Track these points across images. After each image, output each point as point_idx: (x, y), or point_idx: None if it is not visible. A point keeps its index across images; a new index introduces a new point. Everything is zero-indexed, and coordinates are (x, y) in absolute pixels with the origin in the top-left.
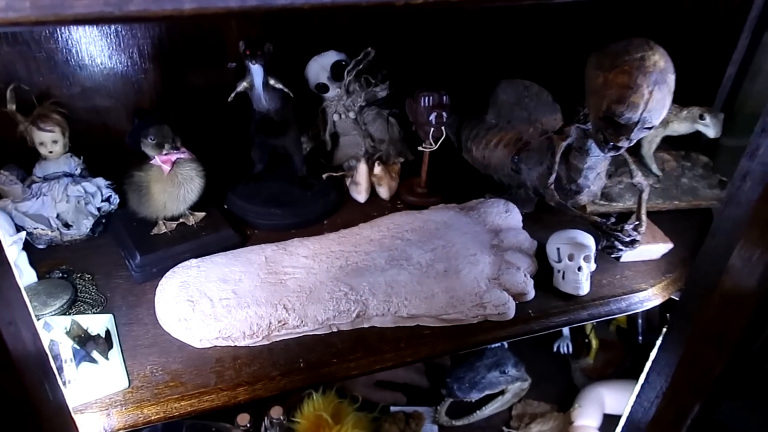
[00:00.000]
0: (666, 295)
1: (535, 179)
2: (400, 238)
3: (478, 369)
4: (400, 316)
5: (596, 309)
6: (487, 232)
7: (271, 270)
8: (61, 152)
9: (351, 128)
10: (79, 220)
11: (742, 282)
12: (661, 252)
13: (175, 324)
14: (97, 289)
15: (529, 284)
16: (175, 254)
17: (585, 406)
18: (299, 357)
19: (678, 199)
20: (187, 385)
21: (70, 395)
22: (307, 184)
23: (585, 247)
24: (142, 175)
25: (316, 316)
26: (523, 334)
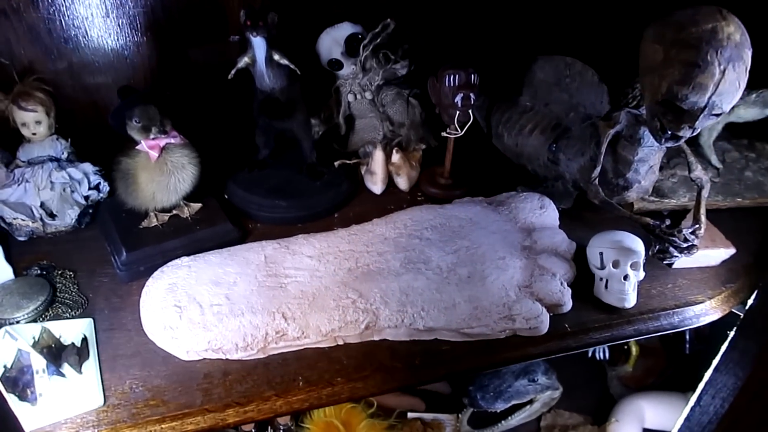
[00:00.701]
0: (726, 309)
1: (576, 171)
2: (418, 237)
3: (504, 376)
4: (415, 329)
5: (644, 324)
6: (518, 231)
7: (271, 272)
8: (46, 134)
9: (367, 110)
10: (64, 210)
11: None
12: (721, 258)
13: (161, 332)
14: (79, 289)
15: (566, 294)
16: (165, 251)
17: (623, 420)
18: (298, 374)
19: (741, 196)
20: (169, 404)
21: (37, 414)
22: (317, 173)
23: (633, 252)
24: (129, 162)
25: (320, 326)
26: (558, 351)
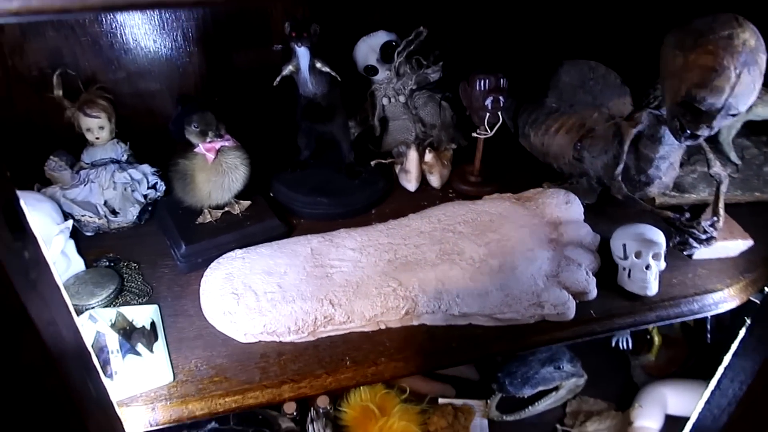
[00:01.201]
0: (744, 297)
1: (600, 169)
2: (451, 230)
3: (531, 364)
4: (451, 315)
5: (665, 311)
6: (545, 225)
7: (317, 263)
8: (108, 138)
9: (401, 113)
10: (126, 208)
11: None
12: (740, 249)
13: (220, 317)
14: (143, 279)
15: (591, 282)
16: (219, 244)
17: (646, 405)
18: (345, 355)
19: (759, 191)
20: (231, 381)
21: (116, 388)
22: (355, 172)
23: (654, 243)
24: (187, 164)
25: (363, 312)
26: (584, 335)
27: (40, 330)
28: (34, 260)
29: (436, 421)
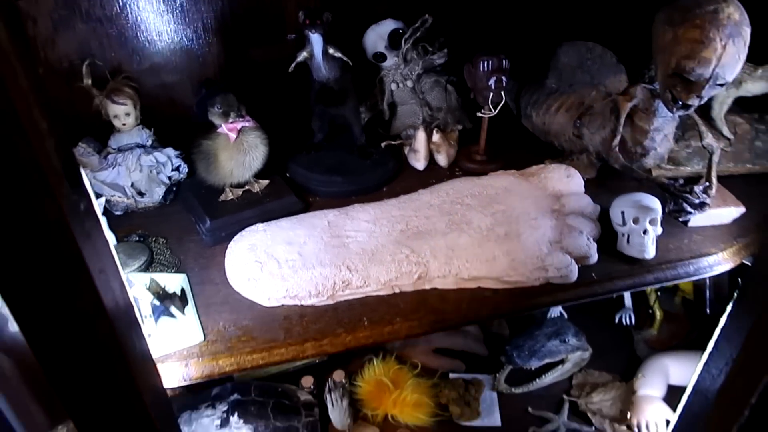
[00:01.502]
0: (737, 260)
1: (599, 144)
2: (459, 203)
3: (537, 337)
4: (461, 278)
5: (662, 273)
6: (548, 197)
7: (334, 233)
8: (134, 124)
9: (408, 97)
10: (152, 188)
11: None
12: (733, 216)
13: (245, 283)
14: (171, 252)
15: (593, 247)
16: (241, 219)
17: (648, 375)
18: (363, 316)
19: (751, 163)
20: (257, 339)
21: (151, 348)
22: (366, 153)
23: (651, 210)
24: (210, 144)
25: (379, 277)
26: (586, 297)
27: (93, 278)
28: (87, 212)
29: (447, 393)
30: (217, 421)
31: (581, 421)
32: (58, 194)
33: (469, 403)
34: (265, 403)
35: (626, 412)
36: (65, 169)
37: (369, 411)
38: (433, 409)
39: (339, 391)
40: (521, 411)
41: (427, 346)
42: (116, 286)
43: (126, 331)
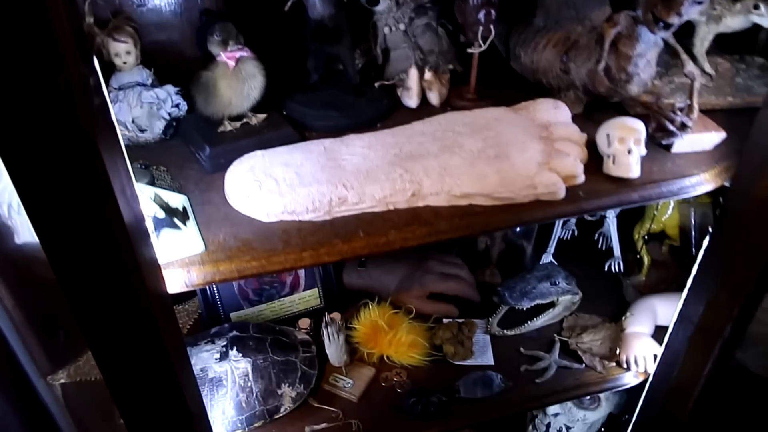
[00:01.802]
0: (719, 182)
1: (585, 76)
2: (451, 131)
3: (529, 280)
4: (453, 195)
5: (646, 191)
6: (536, 126)
7: (330, 157)
8: (134, 63)
9: (401, 41)
10: (152, 124)
11: None
12: (714, 142)
13: (244, 201)
14: (172, 178)
15: (579, 167)
16: (240, 148)
17: (637, 314)
18: (359, 228)
19: (732, 96)
20: (256, 249)
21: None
22: (361, 91)
23: (635, 130)
24: (209, 74)
25: (374, 194)
26: (574, 213)
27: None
28: (96, 88)
29: (441, 334)
30: (216, 355)
31: (572, 359)
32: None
33: (462, 342)
34: (263, 339)
35: (615, 349)
36: (77, 41)
37: (365, 351)
38: (427, 350)
39: (335, 326)
40: (514, 351)
41: (421, 290)
42: (133, 203)
43: (139, 242)
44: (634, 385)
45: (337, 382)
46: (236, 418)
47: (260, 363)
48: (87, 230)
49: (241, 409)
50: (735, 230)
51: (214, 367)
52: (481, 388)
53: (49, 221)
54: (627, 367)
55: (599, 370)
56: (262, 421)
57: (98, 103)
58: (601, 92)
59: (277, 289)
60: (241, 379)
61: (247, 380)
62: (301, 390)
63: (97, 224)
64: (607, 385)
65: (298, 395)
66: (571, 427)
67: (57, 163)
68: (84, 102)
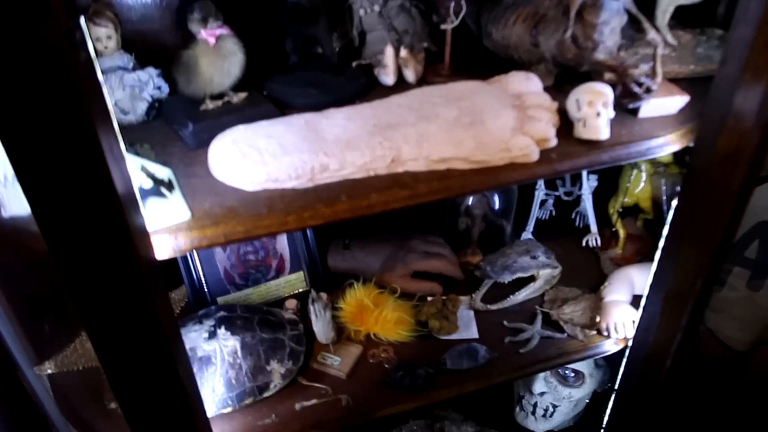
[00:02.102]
0: (684, 142)
1: (554, 47)
2: (428, 102)
3: (509, 255)
4: (431, 160)
5: (616, 152)
6: (509, 96)
7: (311, 129)
8: (115, 48)
9: (376, 23)
10: (135, 105)
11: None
12: (678, 106)
13: (228, 171)
14: (156, 155)
15: (551, 131)
16: (223, 124)
17: (614, 283)
18: (341, 193)
19: (694, 64)
20: (242, 215)
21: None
22: (339, 71)
23: (603, 93)
24: (190, 53)
25: (354, 161)
26: (549, 174)
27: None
28: (82, 43)
29: (426, 310)
30: (205, 334)
31: (554, 329)
32: (57, 13)
33: (447, 317)
34: (251, 318)
35: (595, 318)
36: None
37: (352, 330)
38: (413, 326)
39: (321, 303)
40: (497, 325)
41: (405, 269)
42: (125, 172)
43: (129, 210)
44: (614, 352)
45: (325, 360)
46: (226, 395)
47: (248, 341)
48: (78, 192)
49: (231, 386)
50: (700, 188)
51: (203, 346)
52: (466, 359)
53: (40, 185)
54: (607, 335)
55: (581, 339)
56: (252, 398)
57: (84, 59)
58: (569, 60)
59: (262, 272)
60: (230, 357)
61: (236, 357)
62: (290, 366)
63: (88, 183)
64: (589, 353)
65: (287, 371)
66: (557, 405)
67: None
68: (71, 54)
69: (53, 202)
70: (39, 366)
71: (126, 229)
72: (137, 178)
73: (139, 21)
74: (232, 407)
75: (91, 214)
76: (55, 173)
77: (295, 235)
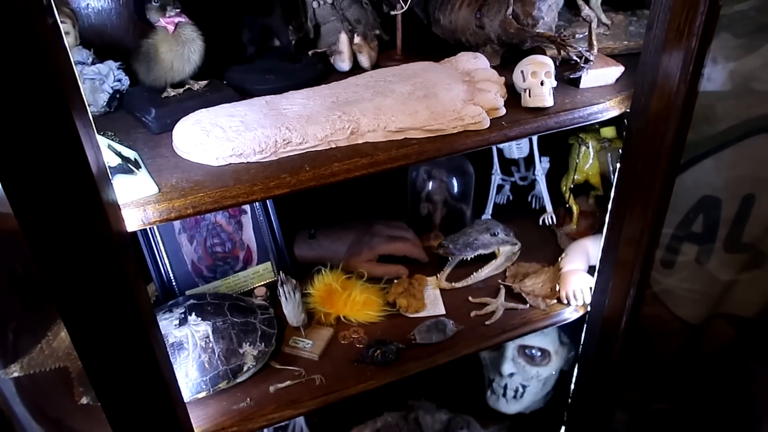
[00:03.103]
0: (622, 108)
1: (498, 28)
2: (383, 80)
3: (470, 234)
4: (389, 131)
5: (560, 118)
6: (459, 73)
7: (272, 108)
8: (74, 44)
9: (329, 14)
10: (96, 97)
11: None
12: (615, 76)
13: (193, 149)
14: (119, 141)
15: (500, 101)
16: (185, 108)
17: (571, 254)
18: (305, 164)
19: (627, 41)
20: (209, 187)
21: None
22: (296, 59)
23: (545, 63)
24: (149, 42)
25: (316, 134)
26: (501, 140)
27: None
28: (48, 9)
29: (394, 290)
30: (176, 321)
31: (517, 301)
32: None
33: (414, 294)
34: (221, 304)
35: (555, 288)
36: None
37: (322, 313)
38: (381, 307)
39: (290, 285)
40: (463, 301)
41: (371, 254)
42: (98, 153)
43: (103, 188)
44: (575, 320)
45: (297, 344)
46: (200, 379)
47: (220, 325)
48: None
49: (204, 370)
50: (639, 148)
51: (174, 333)
52: (435, 333)
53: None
54: (567, 302)
55: (543, 308)
56: (226, 381)
57: (51, 23)
58: (513, 36)
59: (230, 264)
60: (202, 341)
61: (208, 342)
62: (263, 348)
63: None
64: (552, 321)
65: (260, 353)
66: (526, 385)
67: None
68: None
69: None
70: (4, 370)
71: (99, 201)
72: (106, 157)
73: (96, 19)
74: (207, 392)
75: (64, 187)
76: (30, 148)
77: (261, 225)
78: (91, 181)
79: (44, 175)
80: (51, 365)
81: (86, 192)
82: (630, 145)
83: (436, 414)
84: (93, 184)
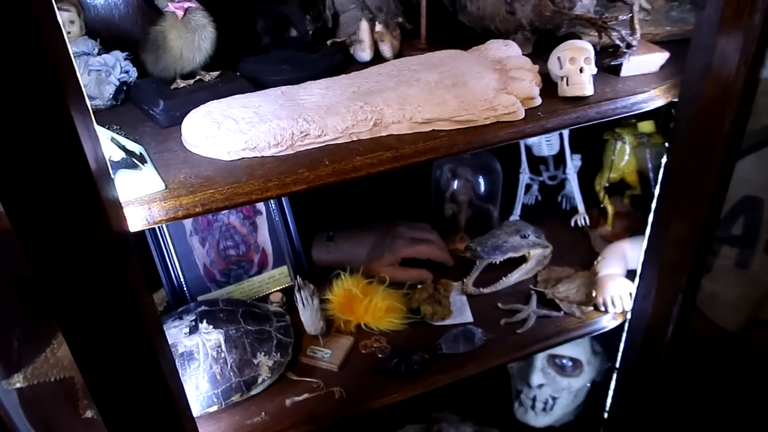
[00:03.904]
0: (668, 97)
1: (530, 12)
2: (407, 69)
3: (499, 236)
4: (415, 122)
5: (602, 108)
6: (490, 61)
7: (288, 98)
8: (79, 34)
9: (349, 2)
10: (102, 90)
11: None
12: (659, 63)
13: (203, 142)
14: (126, 135)
15: (536, 90)
16: (196, 100)
17: (608, 257)
18: (324, 158)
19: (670, 26)
20: (220, 183)
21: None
22: (314, 48)
23: (584, 49)
24: (158, 29)
25: (336, 126)
26: (537, 132)
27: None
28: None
29: (418, 296)
30: (186, 330)
31: (550, 308)
32: None
33: (440, 301)
34: (234, 311)
35: (591, 294)
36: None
37: (341, 321)
38: (405, 314)
39: (308, 290)
40: (492, 308)
41: (393, 257)
42: (98, 149)
43: (103, 185)
44: (613, 328)
45: (315, 354)
46: (211, 392)
47: (233, 333)
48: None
49: (216, 382)
50: (689, 140)
51: (184, 342)
52: (463, 343)
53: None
54: (605, 309)
55: (578, 316)
56: (240, 394)
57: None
58: (548, 21)
59: (245, 268)
60: (214, 351)
61: (220, 351)
62: (279, 358)
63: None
64: (588, 329)
65: (275, 364)
66: (557, 397)
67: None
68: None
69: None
70: (7, 380)
71: (98, 198)
72: (107, 150)
73: (103, 9)
74: (218, 405)
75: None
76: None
77: (277, 227)
78: (89, 176)
79: (36, 169)
80: (55, 375)
81: (83, 188)
82: (678, 137)
83: (460, 427)
84: (91, 179)
